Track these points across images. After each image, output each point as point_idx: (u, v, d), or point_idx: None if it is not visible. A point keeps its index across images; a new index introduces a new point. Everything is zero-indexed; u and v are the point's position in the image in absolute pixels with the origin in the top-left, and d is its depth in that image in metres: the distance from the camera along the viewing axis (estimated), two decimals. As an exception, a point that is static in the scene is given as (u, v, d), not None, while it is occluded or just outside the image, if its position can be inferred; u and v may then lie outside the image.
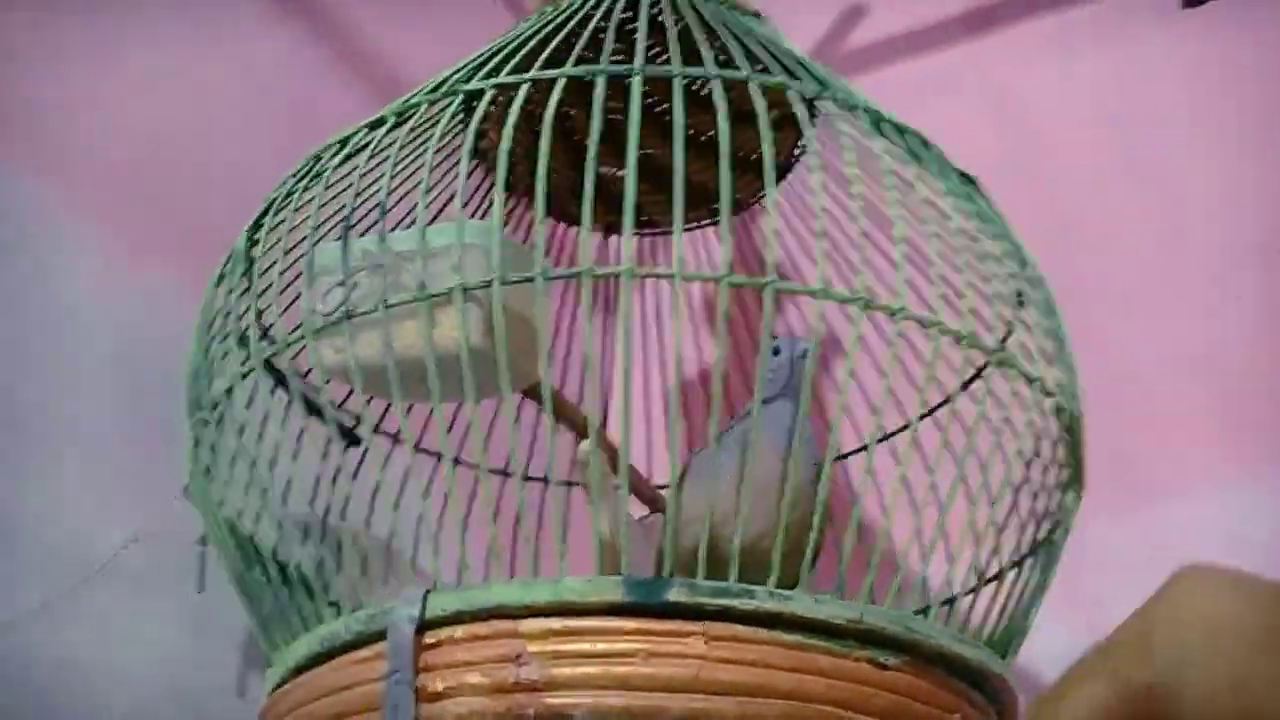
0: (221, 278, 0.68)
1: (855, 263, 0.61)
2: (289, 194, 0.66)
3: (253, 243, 0.67)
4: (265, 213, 0.67)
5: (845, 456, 0.79)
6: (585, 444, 0.68)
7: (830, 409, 0.87)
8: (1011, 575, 0.67)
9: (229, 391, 0.64)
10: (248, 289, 0.65)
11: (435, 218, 0.68)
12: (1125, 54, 1.04)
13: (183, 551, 0.78)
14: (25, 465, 0.77)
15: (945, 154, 0.69)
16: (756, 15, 0.78)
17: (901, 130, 0.68)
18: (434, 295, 0.58)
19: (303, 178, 0.67)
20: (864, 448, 0.76)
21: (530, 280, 0.57)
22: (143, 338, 0.83)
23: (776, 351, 0.70)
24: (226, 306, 0.66)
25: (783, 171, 0.91)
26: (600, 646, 0.55)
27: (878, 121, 0.67)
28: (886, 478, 0.70)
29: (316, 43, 1.03)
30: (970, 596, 0.65)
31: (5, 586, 0.74)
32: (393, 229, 0.62)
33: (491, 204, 0.85)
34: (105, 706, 0.76)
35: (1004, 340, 0.66)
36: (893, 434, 0.76)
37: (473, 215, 0.83)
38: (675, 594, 0.56)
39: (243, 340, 0.65)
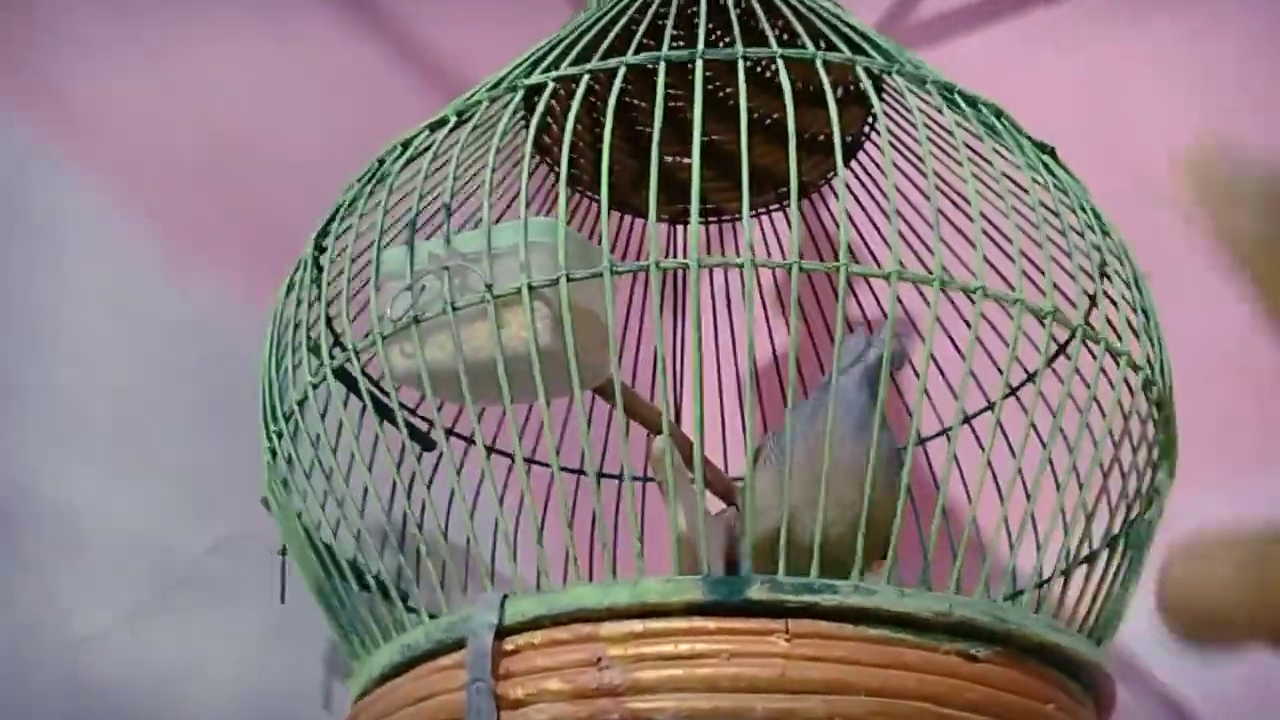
0: (290, 287, 0.67)
1: (930, 243, 0.60)
2: (353, 200, 0.66)
3: (320, 250, 0.66)
4: (331, 219, 0.67)
5: (925, 441, 0.77)
6: (659, 440, 0.67)
7: (909, 393, 0.85)
8: (1103, 558, 0.65)
9: (301, 403, 0.64)
10: (317, 297, 0.65)
11: (500, 217, 0.67)
12: (1206, 20, 1.00)
13: (265, 560, 0.79)
14: (104, 477, 0.77)
15: (1019, 124, 0.67)
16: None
17: (973, 101, 0.66)
18: (501, 296, 0.57)
19: (367, 182, 0.66)
20: (946, 430, 0.74)
21: (597, 276, 0.56)
22: (216, 341, 0.83)
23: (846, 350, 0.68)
24: (296, 316, 0.66)
25: (851, 150, 0.89)
26: (683, 648, 0.54)
27: (949, 95, 0.65)
28: (971, 463, 0.69)
29: (381, 40, 1.02)
30: (1062, 582, 0.64)
31: (88, 599, 0.75)
32: (459, 230, 0.61)
33: (555, 199, 0.85)
34: (190, 718, 0.76)
35: (1088, 314, 0.63)
36: (975, 415, 0.74)
37: (537, 212, 0.82)
38: (756, 592, 0.55)
39: (314, 349, 0.64)
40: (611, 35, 0.68)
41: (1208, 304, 0.90)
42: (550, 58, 0.67)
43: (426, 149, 0.64)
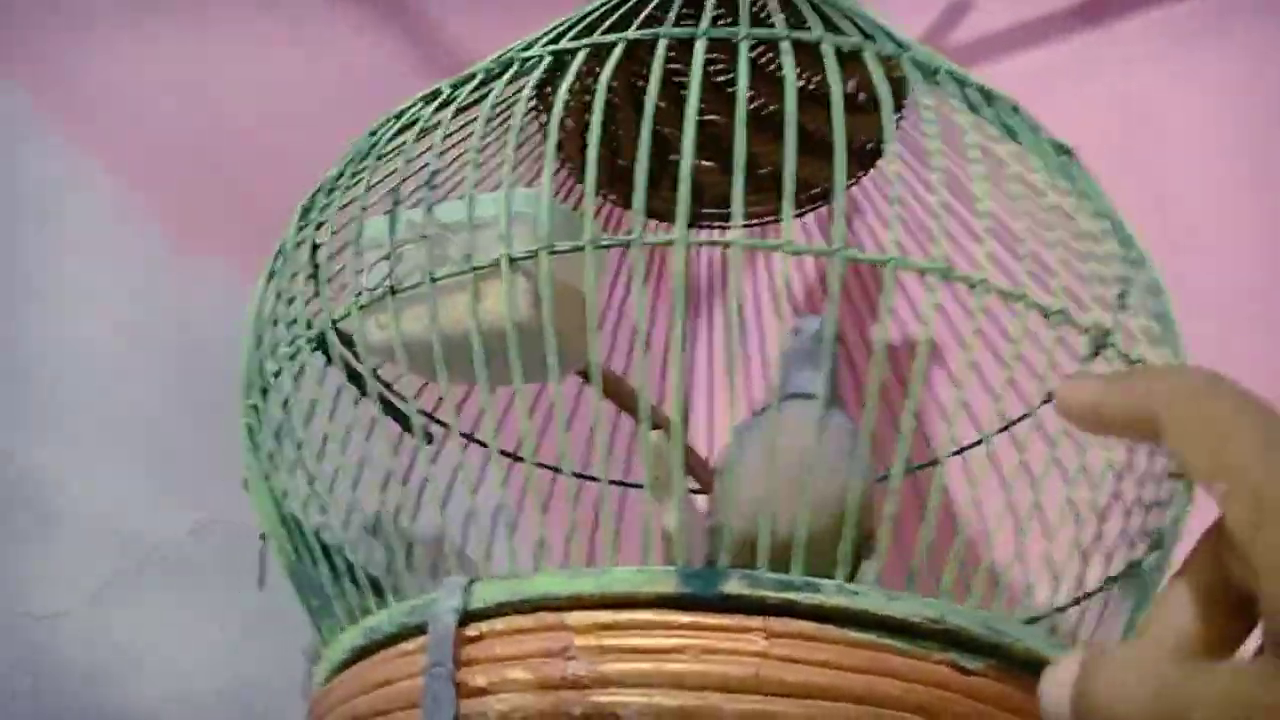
0: (277, 256, 0.65)
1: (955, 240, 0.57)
2: (341, 172, 0.64)
3: (305, 222, 0.64)
4: (319, 190, 0.65)
5: (917, 468, 0.74)
6: (655, 434, 0.64)
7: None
8: (1116, 587, 0.62)
9: (277, 374, 0.62)
10: (302, 271, 0.63)
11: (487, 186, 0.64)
12: (1244, 47, 0.97)
13: (244, 543, 0.76)
14: (78, 452, 0.75)
15: (1036, 121, 0.64)
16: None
17: (989, 95, 0.63)
18: (479, 268, 0.55)
19: (357, 157, 0.64)
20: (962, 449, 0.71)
21: (580, 249, 0.54)
22: (200, 321, 0.81)
23: (795, 333, 0.65)
24: (279, 287, 0.64)
25: (872, 156, 0.86)
26: (651, 641, 0.51)
27: (962, 85, 0.63)
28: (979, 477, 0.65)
29: (391, 30, 1.01)
30: (1077, 611, 0.60)
31: (56, 576, 0.73)
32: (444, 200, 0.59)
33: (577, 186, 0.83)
34: (160, 704, 0.74)
35: (1112, 326, 0.60)
36: (976, 442, 0.71)
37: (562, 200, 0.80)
38: (733, 586, 0.51)
39: (297, 322, 0.62)
40: (623, 12, 0.66)
41: (1236, 335, 0.87)
42: (557, 32, 0.65)
43: (416, 122, 0.62)
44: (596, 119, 0.56)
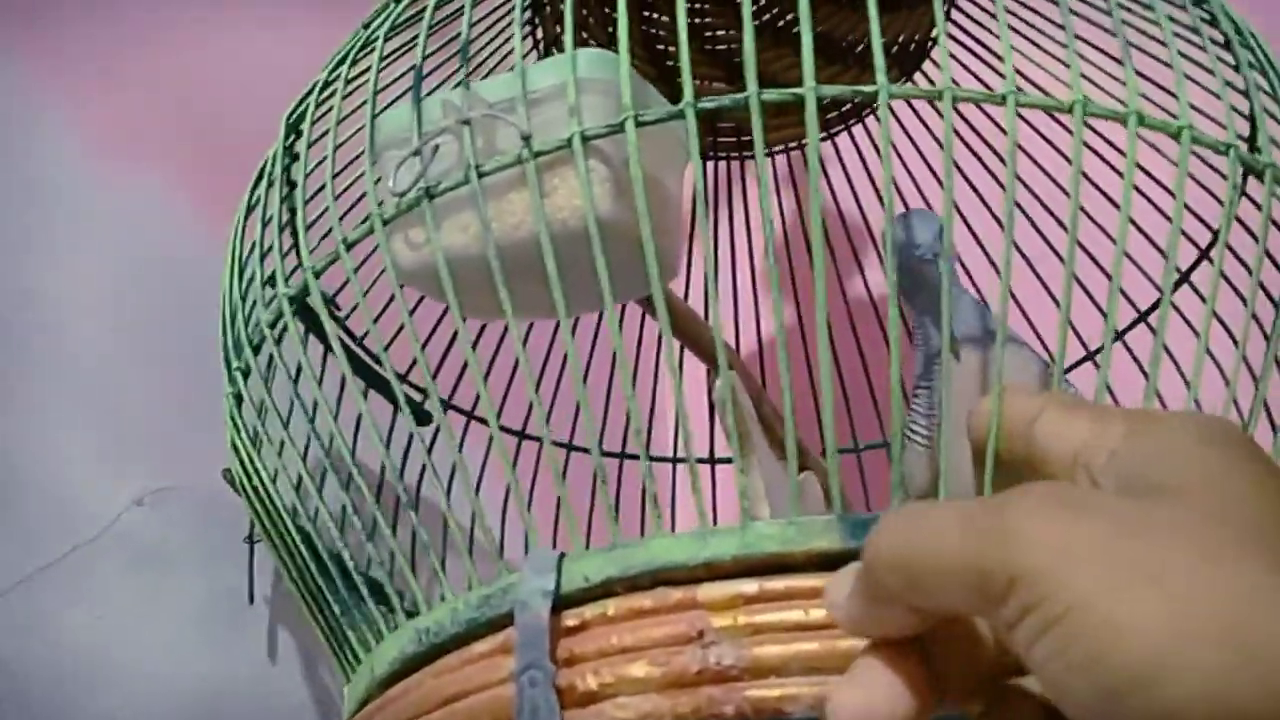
0: (259, 182, 0.53)
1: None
2: (338, 64, 0.51)
3: (294, 135, 0.52)
4: (308, 94, 0.52)
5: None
6: (719, 382, 0.52)
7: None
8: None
9: (259, 346, 0.49)
10: (290, 192, 0.50)
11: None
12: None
13: (200, 520, 0.63)
14: (19, 414, 0.61)
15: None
16: None
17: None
18: (544, 152, 0.42)
19: (354, 49, 0.52)
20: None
21: (678, 117, 0.41)
22: (160, 273, 0.68)
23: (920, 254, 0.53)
24: (265, 217, 0.51)
25: (919, 58, 0.75)
26: (818, 615, 0.39)
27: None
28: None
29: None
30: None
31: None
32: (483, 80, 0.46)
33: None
34: (105, 700, 0.60)
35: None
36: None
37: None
38: (914, 534, 0.39)
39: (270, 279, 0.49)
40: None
41: None
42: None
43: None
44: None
